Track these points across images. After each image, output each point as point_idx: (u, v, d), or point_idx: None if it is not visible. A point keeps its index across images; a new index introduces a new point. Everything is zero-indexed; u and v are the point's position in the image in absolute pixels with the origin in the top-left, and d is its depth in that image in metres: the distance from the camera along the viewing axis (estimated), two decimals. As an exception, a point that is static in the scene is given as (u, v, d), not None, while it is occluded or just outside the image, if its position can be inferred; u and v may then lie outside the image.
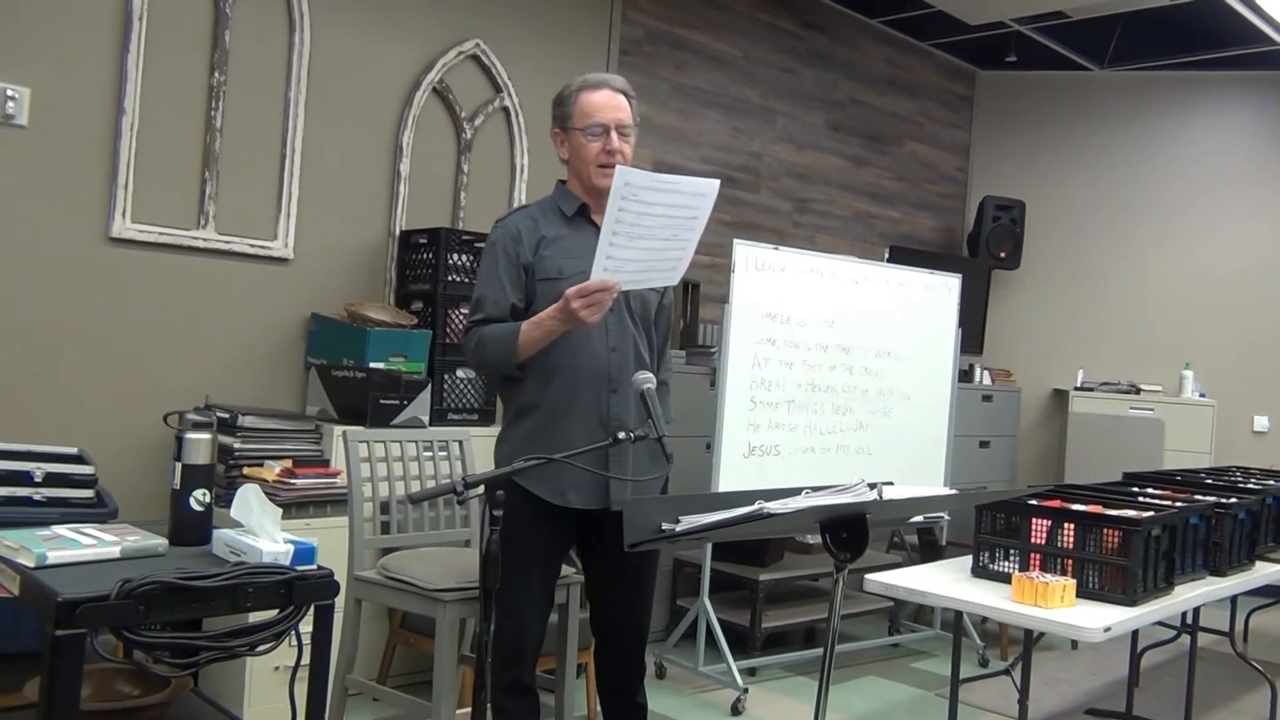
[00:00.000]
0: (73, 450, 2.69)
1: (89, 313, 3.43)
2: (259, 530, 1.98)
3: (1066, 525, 2.63)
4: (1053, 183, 6.82)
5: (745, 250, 3.95)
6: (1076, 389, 6.43)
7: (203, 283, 3.67)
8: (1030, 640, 3.01)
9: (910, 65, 6.59)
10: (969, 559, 2.81)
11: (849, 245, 6.14)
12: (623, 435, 2.11)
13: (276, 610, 1.87)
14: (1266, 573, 3.09)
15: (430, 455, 3.25)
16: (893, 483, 1.92)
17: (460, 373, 3.94)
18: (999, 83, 7.01)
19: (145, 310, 3.54)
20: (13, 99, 3.24)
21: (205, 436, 2.12)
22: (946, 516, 4.71)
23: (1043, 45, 6.31)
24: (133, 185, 3.47)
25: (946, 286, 4.69)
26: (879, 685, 4.26)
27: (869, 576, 2.69)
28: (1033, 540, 2.67)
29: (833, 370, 4.23)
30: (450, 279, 3.94)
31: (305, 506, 3.28)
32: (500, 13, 4.46)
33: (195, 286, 3.65)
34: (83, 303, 3.41)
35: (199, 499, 2.09)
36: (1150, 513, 2.66)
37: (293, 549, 1.93)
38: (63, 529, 2.03)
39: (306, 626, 1.90)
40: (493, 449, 2.54)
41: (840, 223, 6.22)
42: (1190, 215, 6.50)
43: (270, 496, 2.16)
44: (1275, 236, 6.32)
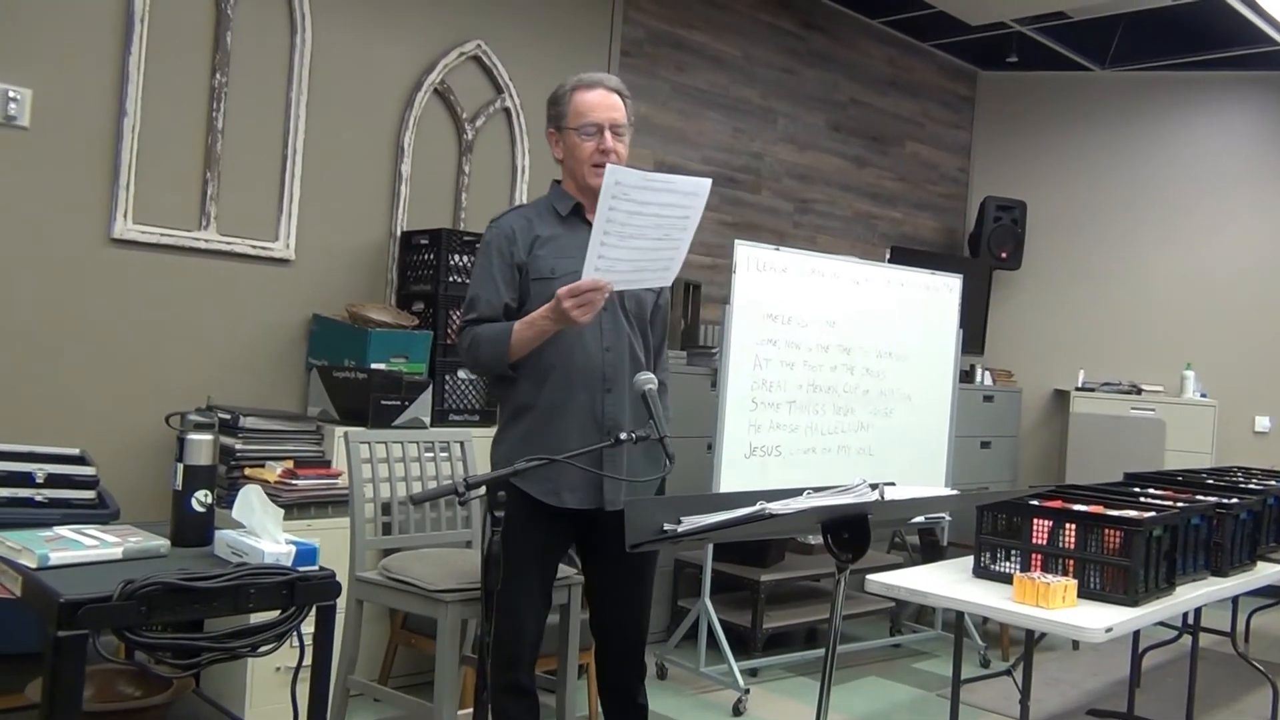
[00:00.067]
0: (74, 451, 2.70)
1: (91, 313, 3.43)
2: (261, 531, 1.98)
3: (1068, 526, 2.63)
4: (1054, 183, 6.82)
5: (746, 251, 3.95)
6: (1078, 389, 6.42)
7: (204, 283, 3.67)
8: (1031, 641, 3.01)
9: (911, 66, 6.59)
10: (970, 559, 2.81)
11: (850, 246, 6.14)
12: (625, 436, 2.09)
13: (278, 611, 1.87)
14: (1268, 573, 3.09)
15: (431, 456, 3.25)
16: (894, 483, 1.93)
17: (461, 374, 3.94)
18: (1000, 83, 7.01)
19: (147, 311, 3.54)
20: (15, 100, 3.25)
21: (207, 437, 2.12)
22: (948, 517, 4.71)
23: (1044, 46, 6.31)
24: (134, 186, 3.48)
25: (947, 287, 4.69)
26: (880, 686, 4.26)
27: (870, 577, 2.68)
28: (1034, 541, 2.67)
29: (834, 371, 4.23)
30: (451, 280, 3.94)
31: (307, 507, 3.28)
32: (501, 13, 4.46)
33: (197, 287, 3.65)
34: (84, 303, 3.42)
35: (201, 500, 2.09)
36: (1152, 513, 2.65)
37: (294, 550, 1.93)
38: (65, 530, 2.04)
39: (308, 627, 1.90)
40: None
41: (841, 223, 6.22)
42: (1192, 215, 6.49)
43: (272, 497, 2.16)
44: (1277, 236, 6.31)
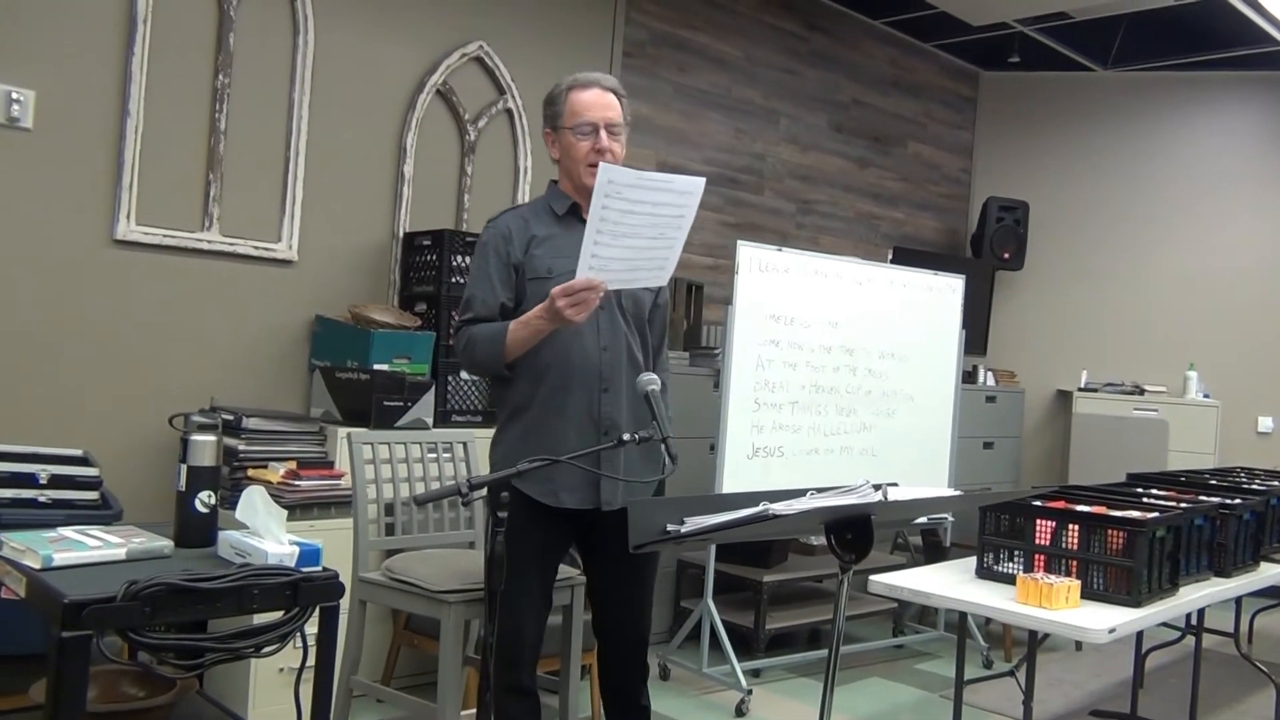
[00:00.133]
0: (78, 452, 2.71)
1: (93, 314, 3.43)
2: (264, 532, 1.98)
3: (1071, 526, 2.63)
4: (1056, 183, 6.81)
5: (749, 251, 3.95)
6: (1080, 390, 6.42)
7: (207, 285, 3.67)
8: (1035, 641, 3.01)
9: (913, 66, 6.59)
10: (973, 560, 2.81)
11: (852, 246, 6.14)
12: (628, 437, 2.09)
13: (281, 612, 1.87)
14: (1271, 574, 3.09)
15: (434, 457, 3.25)
16: (897, 484, 1.93)
17: (464, 374, 3.94)
18: (1002, 83, 7.01)
19: (150, 312, 3.55)
20: (18, 101, 3.25)
21: (210, 438, 2.12)
22: (950, 518, 4.70)
23: (1046, 46, 6.31)
24: (137, 187, 3.48)
25: (950, 287, 4.68)
26: (883, 686, 4.25)
27: (873, 578, 2.68)
28: (1037, 541, 2.66)
29: (836, 371, 4.23)
30: (454, 281, 3.94)
31: (310, 508, 3.29)
32: (504, 14, 4.46)
33: (199, 288, 3.66)
34: (87, 304, 3.42)
35: (204, 501, 2.09)
36: (1155, 514, 2.65)
37: (298, 550, 1.93)
38: (68, 531, 2.04)
39: (311, 628, 1.90)
40: (497, 450, 2.54)
41: (844, 224, 6.22)
42: (1194, 215, 6.49)
43: (275, 498, 2.16)
44: (1279, 236, 6.31)
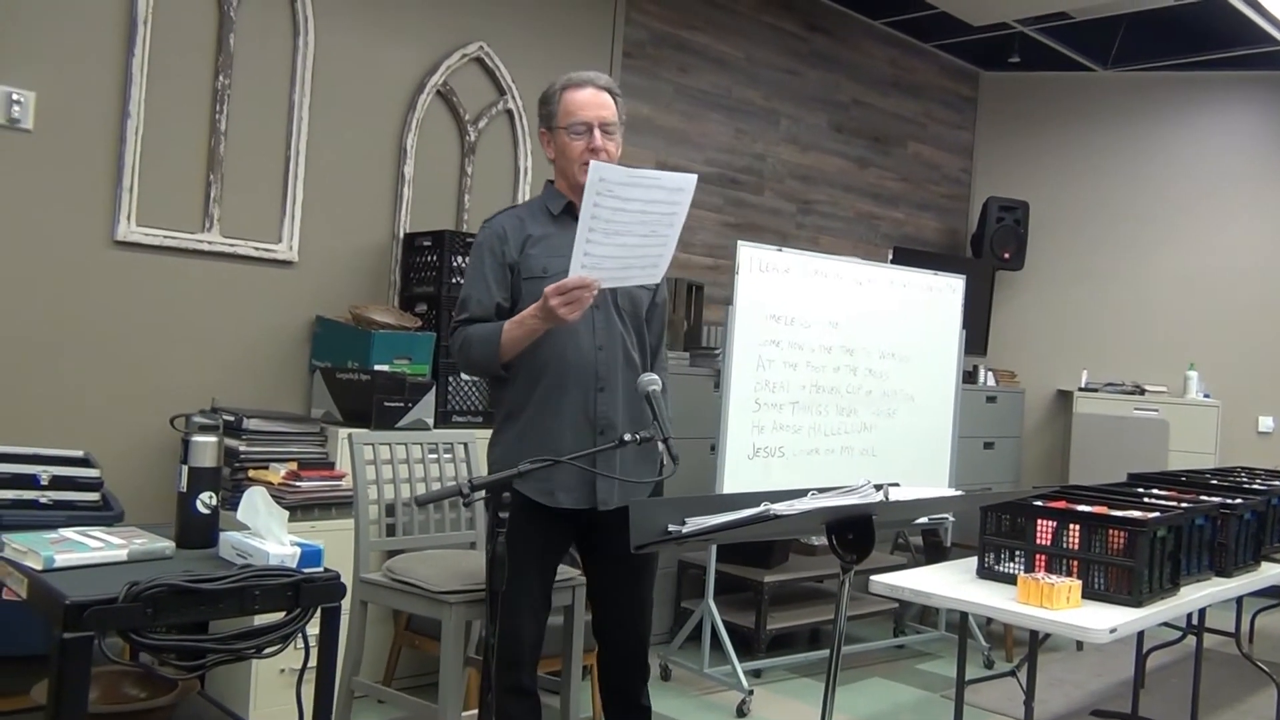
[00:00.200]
0: (79, 453, 2.71)
1: (94, 315, 3.44)
2: (265, 533, 1.98)
3: (1072, 526, 2.63)
4: (1056, 183, 6.81)
5: (749, 252, 3.95)
6: (1081, 390, 6.42)
7: (207, 286, 3.67)
8: (1035, 641, 3.01)
9: (914, 66, 6.59)
10: (974, 560, 2.81)
11: (853, 246, 6.14)
12: (629, 437, 2.09)
13: (283, 613, 1.87)
14: (1272, 573, 3.09)
15: (435, 457, 3.25)
16: (898, 484, 1.92)
17: (465, 375, 3.94)
18: (1002, 83, 7.01)
19: (150, 313, 3.55)
20: (18, 103, 3.25)
21: (211, 439, 2.12)
22: (951, 518, 4.71)
23: (1046, 46, 6.31)
24: (137, 188, 3.48)
25: (950, 288, 4.68)
26: (884, 687, 4.25)
27: (874, 578, 2.69)
28: (1038, 541, 2.67)
29: (837, 372, 4.23)
30: (454, 281, 3.93)
31: (311, 509, 3.29)
32: (504, 15, 4.46)
33: (200, 289, 3.66)
34: (88, 305, 3.42)
35: (205, 501, 2.09)
36: (1155, 514, 2.65)
37: (299, 551, 1.93)
38: (70, 532, 2.04)
39: (313, 629, 1.90)
40: (497, 451, 2.54)
41: (844, 224, 6.22)
42: (1194, 215, 6.49)
43: (276, 499, 2.16)
44: (1279, 236, 6.31)
